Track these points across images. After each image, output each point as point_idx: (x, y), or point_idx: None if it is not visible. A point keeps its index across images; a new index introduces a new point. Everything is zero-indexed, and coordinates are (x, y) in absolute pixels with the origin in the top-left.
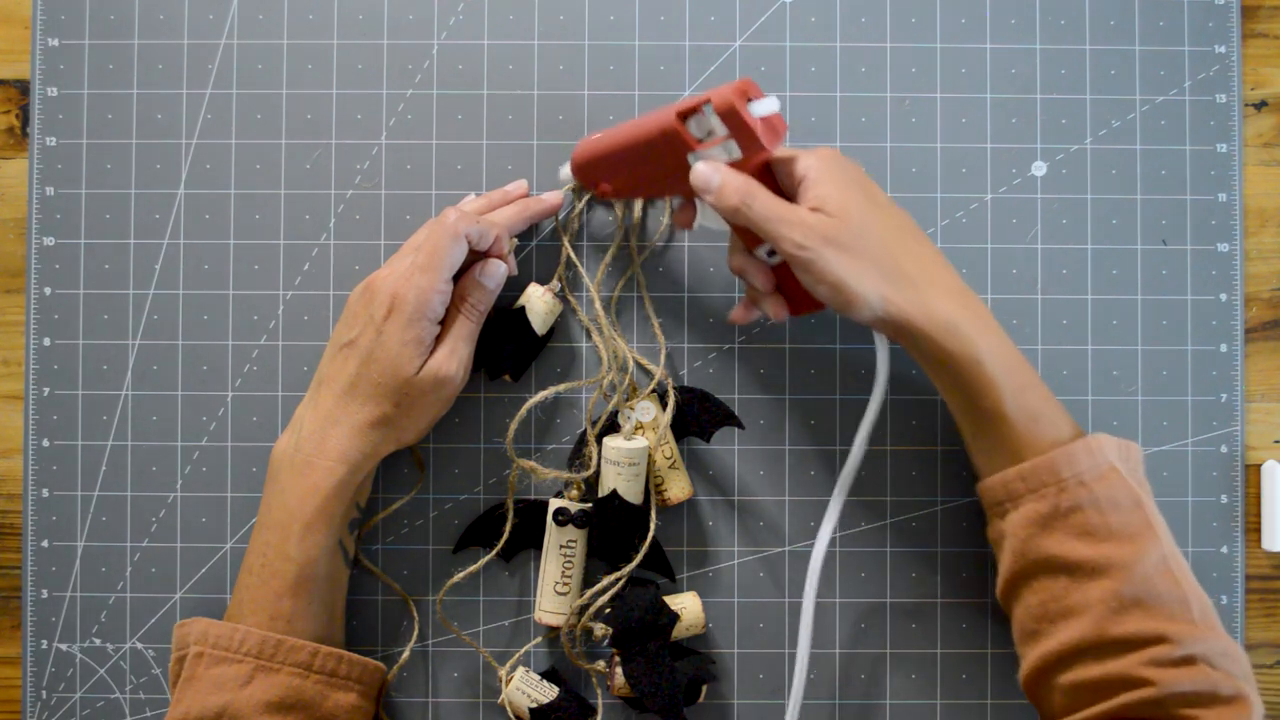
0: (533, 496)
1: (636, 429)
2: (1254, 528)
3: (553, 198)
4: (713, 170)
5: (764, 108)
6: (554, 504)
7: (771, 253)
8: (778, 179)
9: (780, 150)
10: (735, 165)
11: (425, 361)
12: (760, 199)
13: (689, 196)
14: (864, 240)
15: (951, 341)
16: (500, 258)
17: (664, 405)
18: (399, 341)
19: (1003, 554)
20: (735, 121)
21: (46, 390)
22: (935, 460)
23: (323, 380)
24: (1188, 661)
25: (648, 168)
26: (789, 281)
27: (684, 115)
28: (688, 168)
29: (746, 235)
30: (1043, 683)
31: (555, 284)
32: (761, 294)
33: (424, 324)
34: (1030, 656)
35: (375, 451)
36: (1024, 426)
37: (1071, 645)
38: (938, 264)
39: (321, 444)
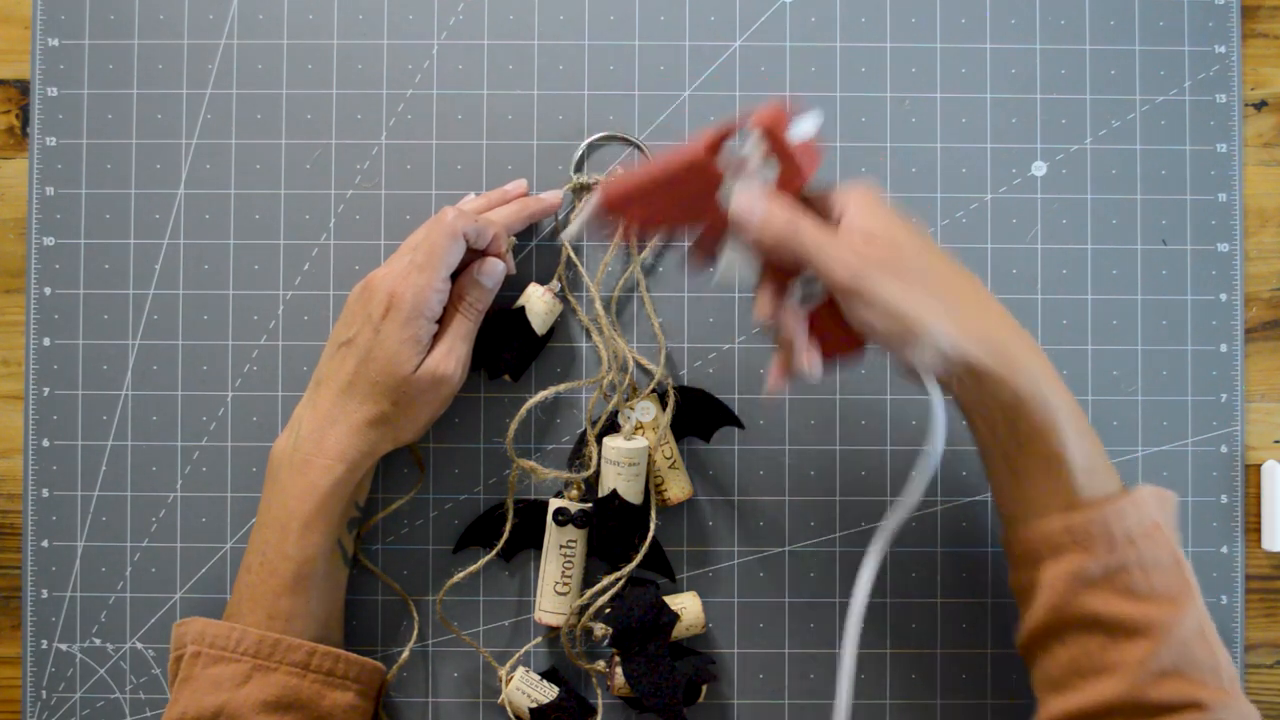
0: (533, 496)
1: (636, 429)
2: (1254, 528)
3: (551, 196)
4: (755, 198)
5: (806, 127)
6: (554, 504)
7: (805, 298)
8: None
9: (812, 187)
10: None
11: (423, 360)
12: (809, 226)
13: (712, 233)
14: (921, 271)
15: (1022, 381)
16: (499, 256)
17: (664, 405)
18: (396, 340)
19: (1033, 604)
20: (777, 142)
21: (46, 390)
22: None
23: (321, 379)
24: None
25: (673, 204)
26: (821, 328)
27: (713, 147)
28: (713, 202)
29: (778, 276)
30: None
31: (555, 284)
32: (797, 345)
33: (421, 322)
34: (1054, 708)
35: (373, 450)
36: (1082, 476)
37: (1104, 704)
38: (991, 299)
39: (320, 442)
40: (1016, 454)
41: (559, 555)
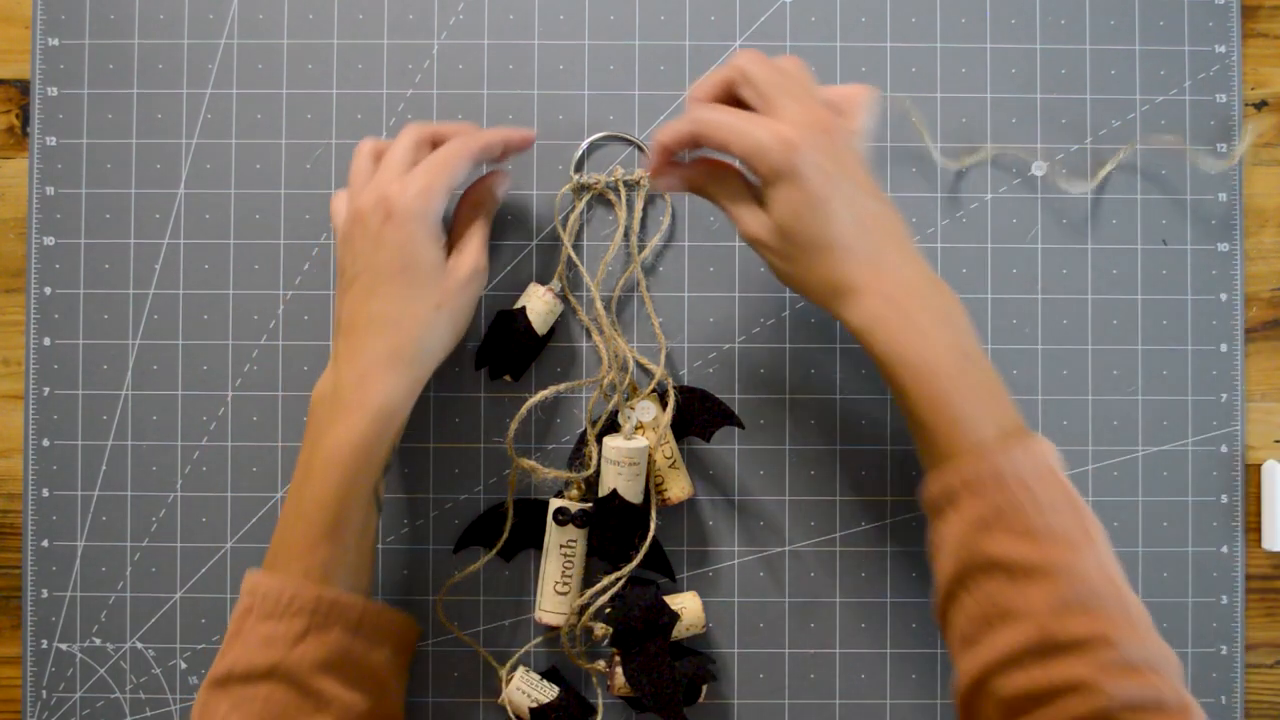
0: (533, 496)
1: (637, 429)
2: (1254, 528)
3: (526, 132)
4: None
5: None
6: (554, 504)
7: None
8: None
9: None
10: None
11: (444, 253)
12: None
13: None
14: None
15: (869, 344)
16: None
17: (664, 405)
18: (407, 237)
19: (941, 559)
20: None
21: (46, 390)
22: None
23: (351, 323)
24: (1132, 667)
25: None
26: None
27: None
28: None
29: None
30: (981, 694)
31: (555, 284)
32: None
33: (429, 220)
34: (969, 667)
35: (413, 388)
36: (944, 430)
37: (1015, 649)
38: (891, 236)
39: (363, 388)
40: (905, 405)
41: (559, 555)
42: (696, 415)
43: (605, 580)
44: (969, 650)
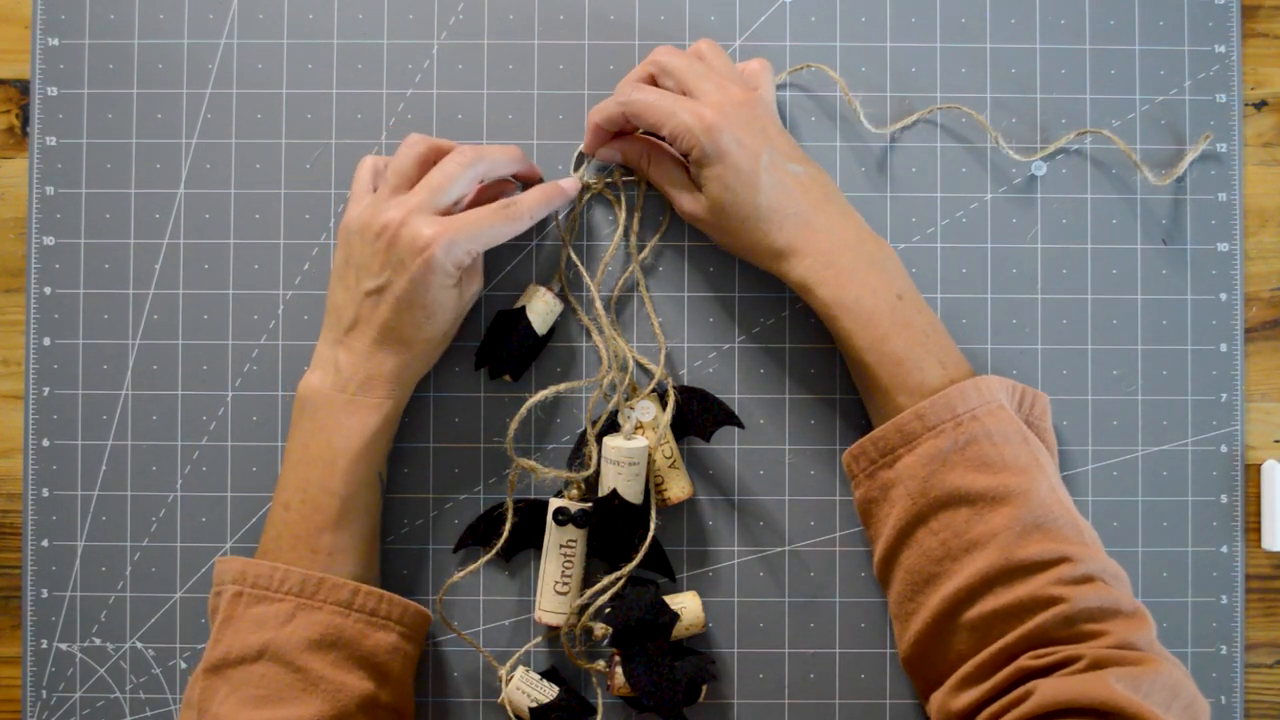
0: (533, 496)
1: (636, 429)
2: (1254, 528)
3: (570, 185)
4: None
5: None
6: (554, 504)
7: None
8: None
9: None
10: None
11: (459, 292)
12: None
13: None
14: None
15: (809, 297)
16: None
17: (664, 405)
18: (435, 290)
19: (890, 505)
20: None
21: (46, 390)
22: None
23: (354, 323)
24: (1089, 579)
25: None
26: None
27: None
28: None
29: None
30: (945, 629)
31: (555, 284)
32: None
33: (456, 274)
34: (930, 605)
35: (416, 379)
36: (888, 370)
37: (980, 576)
38: (821, 200)
39: (367, 383)
40: (849, 351)
41: (559, 555)
42: (696, 415)
43: (605, 580)
44: (930, 589)
